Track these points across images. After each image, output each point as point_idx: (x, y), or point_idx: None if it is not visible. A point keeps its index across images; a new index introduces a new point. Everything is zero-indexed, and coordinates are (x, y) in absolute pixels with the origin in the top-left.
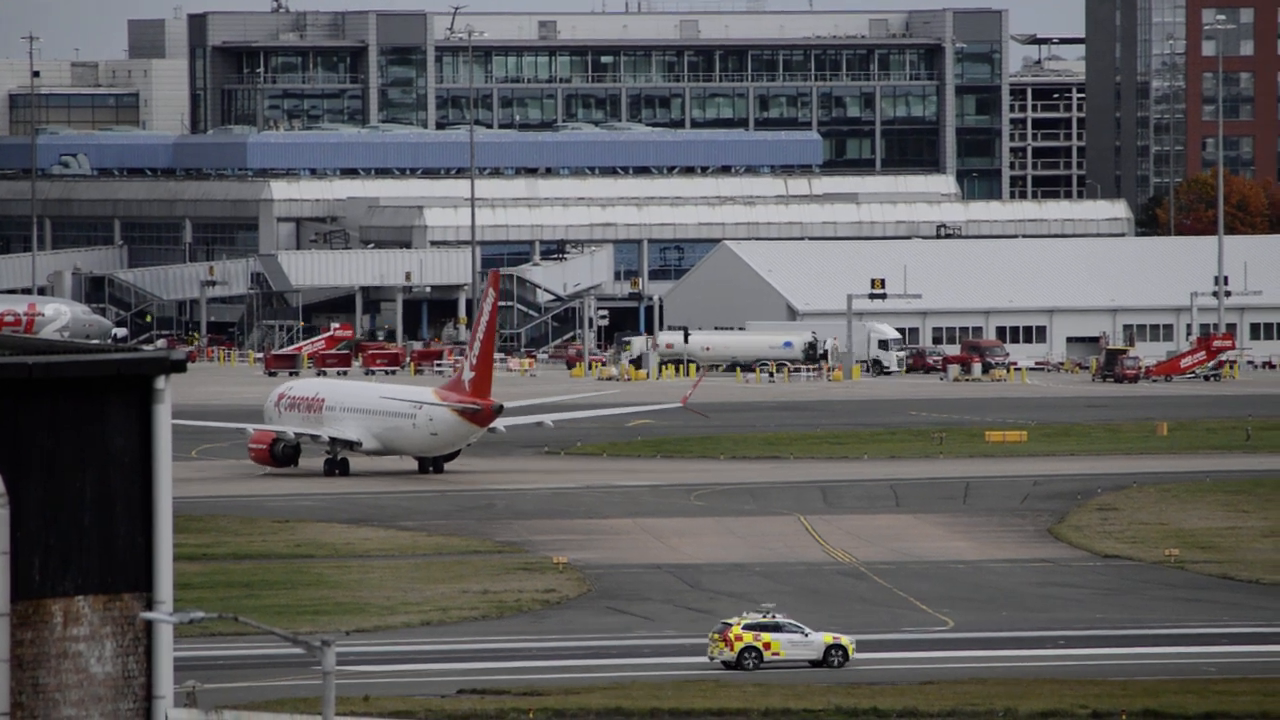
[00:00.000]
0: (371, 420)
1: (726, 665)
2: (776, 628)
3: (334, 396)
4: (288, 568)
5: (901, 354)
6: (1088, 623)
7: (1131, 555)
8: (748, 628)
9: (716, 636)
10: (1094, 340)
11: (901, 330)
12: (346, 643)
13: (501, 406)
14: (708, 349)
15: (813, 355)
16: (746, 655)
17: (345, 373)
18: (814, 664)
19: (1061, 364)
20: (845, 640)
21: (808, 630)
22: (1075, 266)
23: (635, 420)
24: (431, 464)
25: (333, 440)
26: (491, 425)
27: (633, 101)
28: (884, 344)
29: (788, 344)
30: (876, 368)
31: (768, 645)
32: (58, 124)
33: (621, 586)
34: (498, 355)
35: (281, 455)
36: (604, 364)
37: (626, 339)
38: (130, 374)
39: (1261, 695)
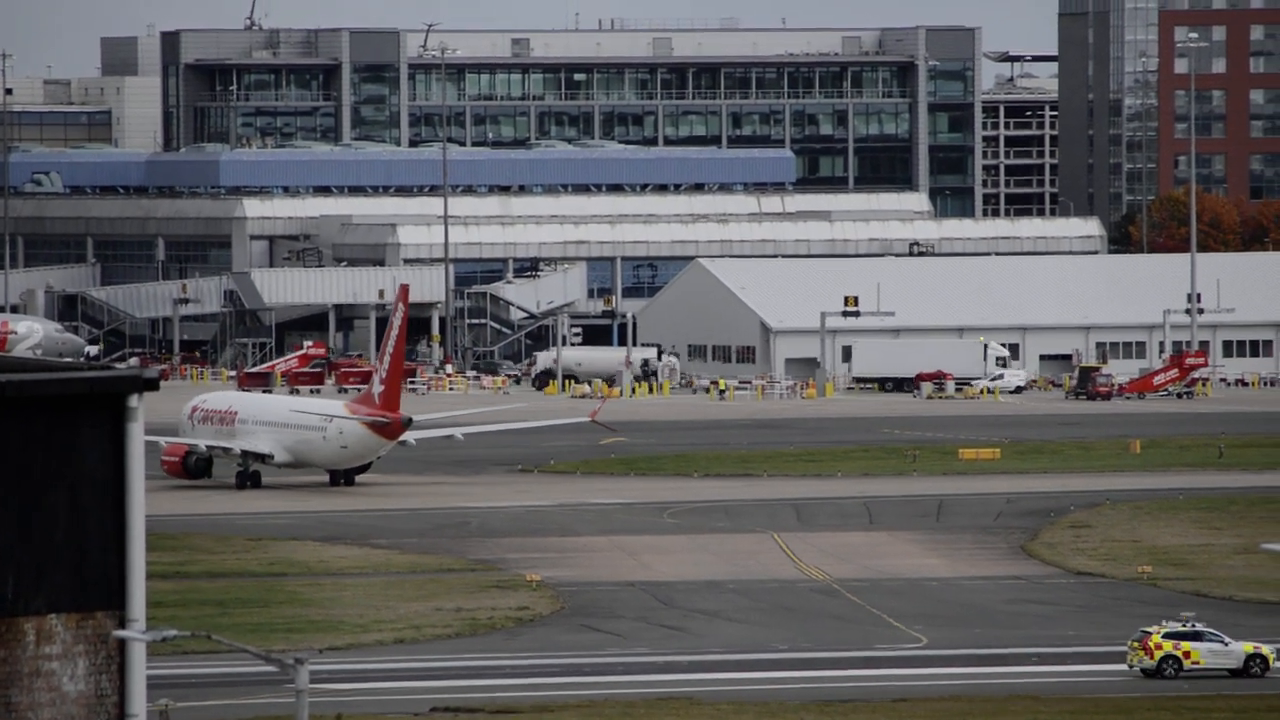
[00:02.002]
0: (283, 433)
1: (1146, 673)
2: (1196, 636)
3: (246, 410)
4: (261, 586)
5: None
6: (1061, 640)
7: (1104, 572)
8: (1167, 636)
9: (1136, 645)
10: (1067, 358)
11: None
12: (320, 661)
13: (411, 419)
14: (579, 364)
15: (647, 372)
16: (1166, 664)
17: (318, 390)
18: (1234, 673)
19: (1034, 381)
20: (1266, 650)
21: (1228, 639)
22: (1048, 284)
23: (608, 439)
24: (343, 477)
25: (244, 453)
26: (401, 438)
27: (606, 119)
28: (1001, 360)
29: (634, 361)
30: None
31: (1187, 654)
32: (30, 142)
33: (595, 604)
34: (470, 373)
35: (194, 467)
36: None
37: (535, 354)
38: (103, 392)
39: (1234, 712)
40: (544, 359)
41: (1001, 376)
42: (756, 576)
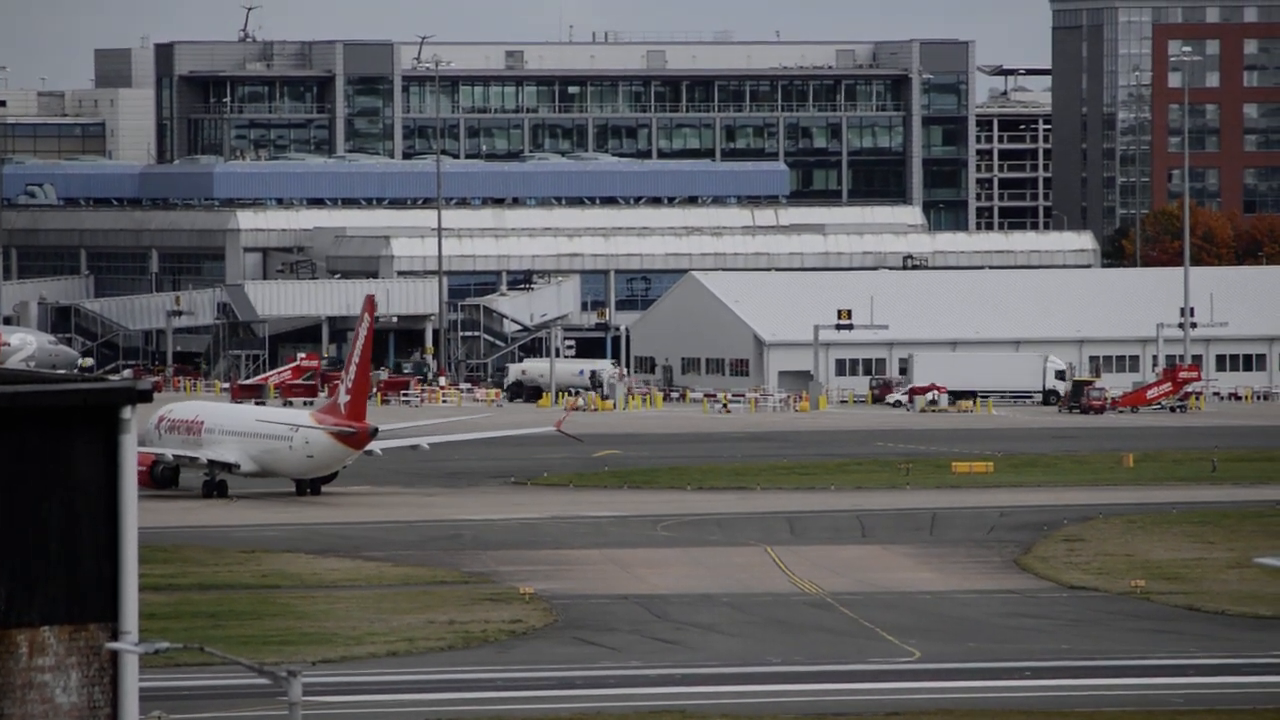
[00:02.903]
0: (249, 443)
1: None
2: None
3: (212, 419)
4: (254, 598)
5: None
6: (1054, 654)
7: (1098, 586)
8: None
9: None
10: (1060, 372)
11: (868, 361)
12: (312, 673)
13: (376, 429)
14: (542, 375)
15: (596, 383)
16: None
17: (311, 402)
18: None
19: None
20: None
21: None
22: (1041, 298)
23: (600, 452)
24: (309, 486)
25: (211, 462)
26: (367, 448)
27: (599, 132)
28: (1060, 374)
29: (581, 372)
30: (1053, 398)
31: None
32: (24, 153)
33: (588, 617)
34: (464, 385)
35: (161, 477)
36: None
37: (505, 366)
38: (96, 404)
39: None
40: (514, 371)
41: (930, 395)
42: (750, 590)
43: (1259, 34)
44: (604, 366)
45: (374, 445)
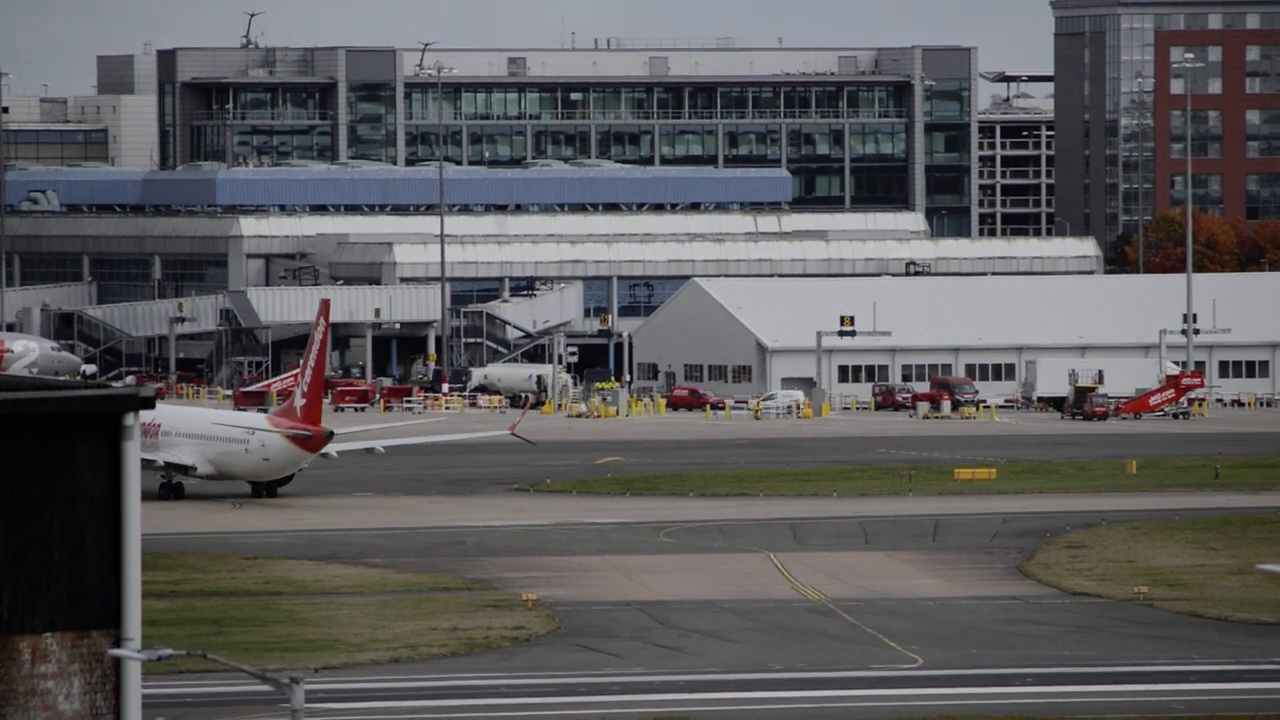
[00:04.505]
0: (206, 446)
1: None
2: None
3: (169, 422)
4: (256, 604)
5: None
6: (1057, 660)
7: (1100, 593)
8: None
9: None
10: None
11: (870, 368)
12: (315, 680)
13: (332, 433)
14: (500, 380)
15: (542, 388)
16: None
17: None
18: None
19: (1030, 401)
20: None
21: None
22: (1044, 304)
23: (603, 459)
24: (265, 489)
25: (168, 465)
26: (323, 451)
27: (602, 138)
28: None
29: (530, 376)
30: None
31: None
32: (26, 160)
33: (590, 623)
34: (468, 393)
35: None
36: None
37: (467, 370)
38: (99, 411)
39: None
40: (477, 375)
41: (774, 397)
42: (753, 596)
43: (1261, 40)
44: (546, 371)
45: (330, 448)
